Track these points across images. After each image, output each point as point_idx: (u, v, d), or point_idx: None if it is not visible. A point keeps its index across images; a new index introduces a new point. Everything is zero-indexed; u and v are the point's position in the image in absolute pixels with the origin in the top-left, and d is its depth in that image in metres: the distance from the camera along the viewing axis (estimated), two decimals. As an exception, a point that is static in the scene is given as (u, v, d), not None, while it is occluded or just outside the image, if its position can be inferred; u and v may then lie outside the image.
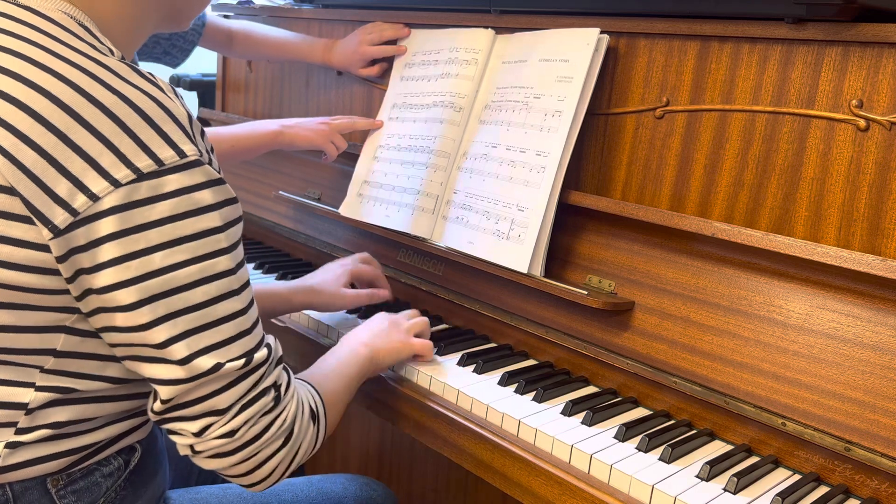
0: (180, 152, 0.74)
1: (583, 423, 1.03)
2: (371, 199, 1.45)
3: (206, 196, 0.76)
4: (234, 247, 0.79)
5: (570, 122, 1.20)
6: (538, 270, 1.20)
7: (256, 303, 0.84)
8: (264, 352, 0.83)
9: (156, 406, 0.80)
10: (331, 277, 1.27)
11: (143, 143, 0.72)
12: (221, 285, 0.78)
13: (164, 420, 0.81)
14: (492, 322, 1.29)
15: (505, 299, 1.27)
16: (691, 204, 1.15)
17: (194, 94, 2.31)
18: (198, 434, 0.81)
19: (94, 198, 0.71)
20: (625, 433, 1.00)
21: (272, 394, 0.84)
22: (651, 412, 1.09)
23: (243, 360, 0.80)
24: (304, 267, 1.62)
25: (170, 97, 0.77)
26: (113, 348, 0.79)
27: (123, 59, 0.79)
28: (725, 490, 0.91)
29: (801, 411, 0.96)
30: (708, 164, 1.13)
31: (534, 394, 1.10)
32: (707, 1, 1.11)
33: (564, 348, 1.19)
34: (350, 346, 1.09)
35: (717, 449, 1.01)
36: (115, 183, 0.71)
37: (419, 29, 1.52)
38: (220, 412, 0.80)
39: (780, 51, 1.06)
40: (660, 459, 0.96)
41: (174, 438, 0.83)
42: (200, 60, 1.83)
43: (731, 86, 1.10)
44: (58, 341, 0.78)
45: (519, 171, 1.24)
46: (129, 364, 0.80)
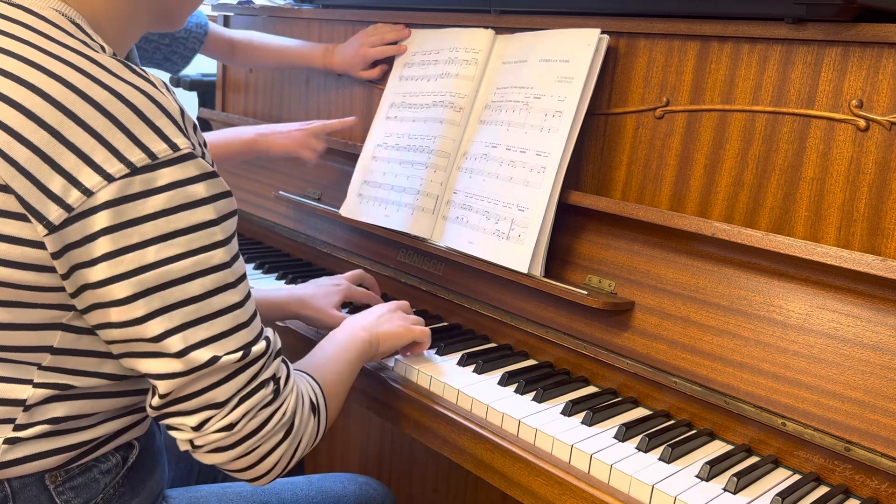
0: (173, 146, 0.74)
1: (583, 423, 1.03)
2: (371, 199, 1.45)
3: (200, 189, 0.76)
4: (229, 240, 0.79)
5: (571, 123, 1.20)
6: (538, 270, 1.20)
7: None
8: (262, 344, 0.83)
9: (154, 401, 0.80)
10: (322, 293, 1.26)
11: (136, 137, 0.72)
12: (217, 278, 0.78)
13: (163, 415, 0.81)
14: (492, 322, 1.29)
15: (505, 299, 1.27)
16: (691, 204, 1.15)
17: (194, 95, 2.32)
18: (197, 428, 0.81)
19: (88, 193, 0.71)
20: (625, 433, 1.00)
21: (271, 386, 0.84)
22: (651, 412, 1.09)
23: (241, 352, 0.80)
24: (303, 267, 1.62)
25: (161, 92, 0.76)
26: (109, 346, 0.79)
27: (115, 56, 0.79)
28: (725, 490, 0.91)
29: (801, 411, 0.95)
30: (708, 164, 1.13)
31: (534, 394, 1.10)
32: (707, 1, 1.11)
33: (564, 348, 1.19)
34: (348, 331, 1.09)
35: (717, 449, 1.01)
36: (109, 177, 0.71)
37: (419, 29, 1.52)
38: (219, 405, 0.80)
39: (780, 51, 1.06)
40: (660, 459, 0.96)
41: (173, 434, 0.83)
42: (201, 60, 1.83)
43: (731, 86, 1.10)
44: (54, 338, 0.78)
45: (519, 171, 1.24)
46: (125, 362, 0.80)
